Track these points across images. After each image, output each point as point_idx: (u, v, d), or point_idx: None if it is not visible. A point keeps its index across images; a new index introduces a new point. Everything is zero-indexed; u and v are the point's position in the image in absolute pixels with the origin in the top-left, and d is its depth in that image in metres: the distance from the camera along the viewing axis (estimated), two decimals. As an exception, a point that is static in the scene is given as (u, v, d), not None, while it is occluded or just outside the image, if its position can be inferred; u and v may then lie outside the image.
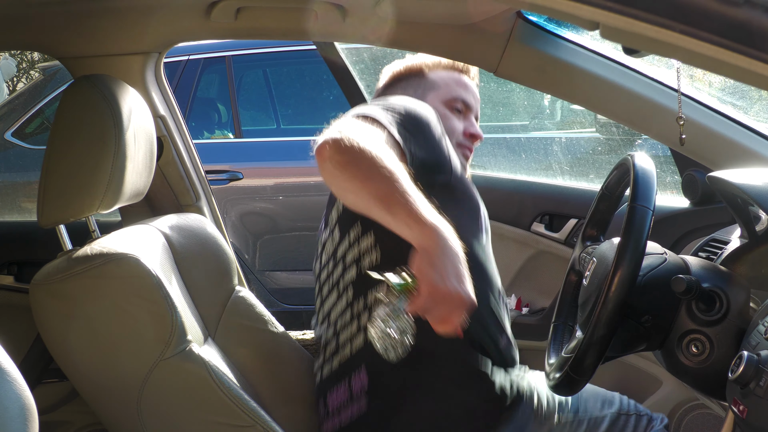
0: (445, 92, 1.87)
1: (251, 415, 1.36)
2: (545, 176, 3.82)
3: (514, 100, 4.25)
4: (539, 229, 2.55)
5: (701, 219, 2.14)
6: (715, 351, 1.43)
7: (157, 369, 1.35)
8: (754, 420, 1.21)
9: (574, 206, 2.49)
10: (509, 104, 4.25)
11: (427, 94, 1.87)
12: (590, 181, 3.16)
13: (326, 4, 1.83)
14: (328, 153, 1.27)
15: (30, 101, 4.31)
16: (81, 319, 1.39)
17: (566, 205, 2.52)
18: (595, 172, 3.62)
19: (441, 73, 1.91)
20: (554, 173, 3.81)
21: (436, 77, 1.90)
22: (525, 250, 2.58)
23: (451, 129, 1.83)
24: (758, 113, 2.20)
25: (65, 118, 1.50)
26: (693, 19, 0.90)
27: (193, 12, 1.89)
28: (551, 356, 1.70)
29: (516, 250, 2.60)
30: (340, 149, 1.27)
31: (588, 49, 1.94)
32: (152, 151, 1.66)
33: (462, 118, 1.87)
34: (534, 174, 3.80)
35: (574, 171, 3.76)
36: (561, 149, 4.05)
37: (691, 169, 2.10)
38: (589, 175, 3.60)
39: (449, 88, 1.88)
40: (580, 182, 3.03)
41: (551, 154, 4.00)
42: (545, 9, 1.09)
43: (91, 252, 1.41)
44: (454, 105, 1.86)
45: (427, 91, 1.87)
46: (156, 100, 2.08)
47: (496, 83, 3.81)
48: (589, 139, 4.15)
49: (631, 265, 1.38)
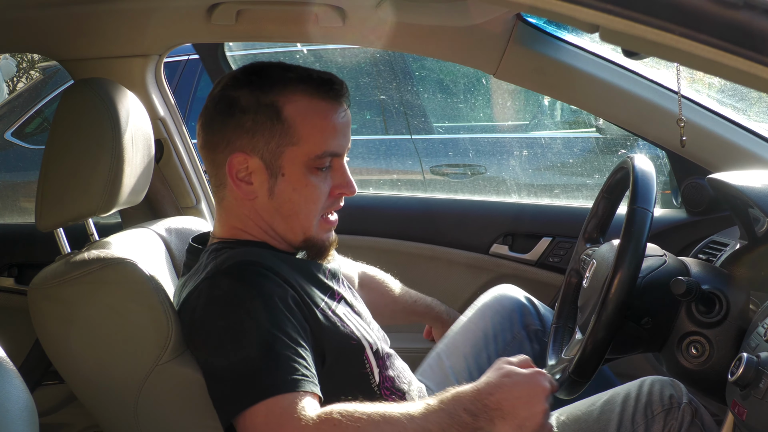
0: (307, 150, 1.41)
1: None
2: (546, 176, 3.83)
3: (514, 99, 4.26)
4: (501, 251, 2.37)
5: (708, 228, 2.13)
6: (714, 353, 1.44)
7: (155, 373, 1.35)
8: (753, 422, 1.21)
9: (546, 224, 2.34)
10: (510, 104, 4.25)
11: (281, 151, 1.41)
12: (590, 184, 3.16)
13: (326, 6, 1.83)
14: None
15: (30, 101, 4.31)
16: (79, 323, 1.39)
17: (535, 224, 2.37)
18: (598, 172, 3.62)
19: (301, 108, 1.41)
20: (555, 173, 3.81)
21: (296, 119, 1.40)
22: (479, 275, 2.37)
23: (314, 198, 1.44)
24: (758, 115, 2.20)
25: (63, 122, 1.50)
26: (692, 22, 0.91)
27: (193, 14, 1.89)
28: (551, 358, 1.70)
29: (468, 276, 2.41)
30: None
31: (588, 52, 1.94)
32: (150, 154, 1.66)
33: (329, 172, 1.46)
34: (535, 174, 3.80)
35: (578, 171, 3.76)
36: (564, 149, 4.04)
37: (693, 177, 2.07)
38: (594, 175, 3.60)
39: (314, 142, 1.41)
40: (544, 199, 3.01)
41: (553, 154, 4.00)
42: (545, 12, 1.09)
43: (88, 256, 1.41)
44: (321, 165, 1.43)
45: (282, 147, 1.41)
46: (156, 102, 2.08)
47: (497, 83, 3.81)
48: (589, 139, 4.15)
49: (631, 267, 1.38)
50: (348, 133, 1.47)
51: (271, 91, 1.41)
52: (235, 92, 1.43)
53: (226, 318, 1.32)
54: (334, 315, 1.44)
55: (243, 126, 1.41)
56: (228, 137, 1.42)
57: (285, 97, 1.41)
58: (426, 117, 3.93)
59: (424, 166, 3.72)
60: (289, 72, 1.44)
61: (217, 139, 1.44)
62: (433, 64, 3.96)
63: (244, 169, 1.43)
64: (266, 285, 1.35)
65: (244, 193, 1.44)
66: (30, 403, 1.01)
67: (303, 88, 1.42)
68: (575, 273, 1.81)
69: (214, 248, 1.47)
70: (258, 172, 1.42)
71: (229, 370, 1.29)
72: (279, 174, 1.42)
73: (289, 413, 1.22)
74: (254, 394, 1.24)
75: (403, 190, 3.79)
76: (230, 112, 1.42)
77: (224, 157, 1.43)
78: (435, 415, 1.25)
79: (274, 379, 1.25)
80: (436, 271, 2.43)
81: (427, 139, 3.89)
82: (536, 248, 2.32)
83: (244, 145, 1.41)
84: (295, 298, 1.38)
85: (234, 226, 1.49)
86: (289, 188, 1.43)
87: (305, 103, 1.42)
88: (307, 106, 1.42)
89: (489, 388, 1.28)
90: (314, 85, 1.42)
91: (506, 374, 1.30)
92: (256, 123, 1.40)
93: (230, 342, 1.30)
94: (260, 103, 1.40)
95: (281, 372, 1.26)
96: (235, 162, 1.42)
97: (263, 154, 1.41)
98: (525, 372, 1.30)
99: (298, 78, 1.43)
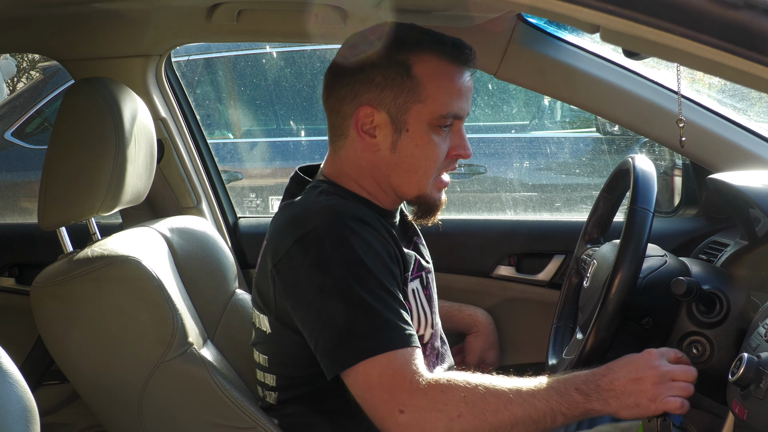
0: (433, 108, 1.44)
1: (252, 416, 1.36)
2: (546, 176, 3.83)
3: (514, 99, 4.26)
4: (507, 273, 2.23)
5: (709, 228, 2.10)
6: (715, 353, 1.44)
7: (158, 371, 1.35)
8: (754, 422, 1.21)
9: (558, 241, 2.20)
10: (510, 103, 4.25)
11: (408, 107, 1.44)
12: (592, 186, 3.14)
13: (326, 6, 1.83)
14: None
15: (30, 101, 4.30)
16: (82, 321, 1.40)
17: (545, 241, 2.23)
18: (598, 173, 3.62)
19: (430, 67, 1.44)
20: (555, 173, 3.81)
21: (424, 78, 1.44)
22: (482, 300, 2.18)
23: (434, 156, 1.47)
24: (758, 115, 2.20)
25: (66, 121, 1.50)
26: (693, 22, 0.91)
27: (194, 15, 1.89)
28: (551, 358, 1.70)
29: (468, 302, 2.16)
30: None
31: (588, 52, 1.94)
32: (152, 153, 1.66)
33: (449, 134, 1.48)
34: (535, 173, 3.80)
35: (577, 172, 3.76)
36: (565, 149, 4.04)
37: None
38: (595, 174, 3.60)
39: (441, 102, 1.44)
40: (557, 215, 2.86)
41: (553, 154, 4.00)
42: (546, 12, 1.09)
43: (92, 254, 1.42)
44: (443, 123, 1.45)
45: (408, 103, 1.44)
46: (157, 102, 2.08)
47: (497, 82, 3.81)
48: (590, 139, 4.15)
49: (631, 267, 1.38)
50: (470, 97, 1.51)
51: (403, 49, 1.45)
52: (368, 47, 1.46)
53: (338, 270, 1.34)
54: (409, 291, 1.47)
55: (373, 80, 1.44)
56: (356, 90, 1.45)
57: (416, 56, 1.44)
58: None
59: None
60: (422, 32, 1.48)
61: (345, 91, 1.47)
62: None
63: (370, 122, 1.45)
64: (375, 240, 1.38)
65: (368, 145, 1.47)
66: (30, 403, 1.01)
67: (434, 48, 1.45)
68: (576, 273, 1.81)
69: (325, 189, 1.48)
70: (383, 126, 1.45)
71: (342, 321, 1.31)
72: (404, 129, 1.45)
73: (402, 373, 1.28)
74: (368, 350, 1.28)
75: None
76: (360, 67, 1.45)
77: (351, 109, 1.46)
78: (544, 391, 1.28)
79: (387, 334, 1.30)
80: None
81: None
82: (548, 268, 2.20)
83: (372, 98, 1.44)
84: (396, 256, 1.42)
85: (347, 173, 1.51)
86: (411, 144, 1.46)
87: (435, 63, 1.45)
88: (436, 67, 1.45)
89: (602, 369, 1.32)
90: (445, 47, 1.46)
91: (620, 358, 1.33)
92: (386, 78, 1.44)
93: (340, 295, 1.32)
94: (391, 60, 1.44)
95: (392, 329, 1.30)
96: (362, 114, 1.45)
97: (390, 109, 1.44)
98: (638, 354, 1.33)
99: (430, 39, 1.47)
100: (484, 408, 1.26)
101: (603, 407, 1.28)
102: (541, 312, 1.93)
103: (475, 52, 1.49)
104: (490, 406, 1.26)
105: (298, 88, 4.71)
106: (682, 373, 1.31)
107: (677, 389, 1.29)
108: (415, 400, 1.27)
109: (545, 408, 1.27)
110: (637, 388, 1.28)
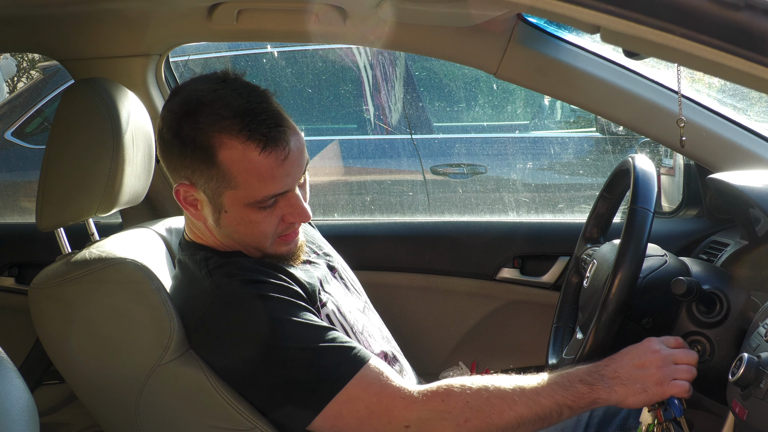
0: (248, 194, 1.35)
1: (249, 419, 1.36)
2: (546, 175, 3.82)
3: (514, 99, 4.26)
4: (511, 275, 2.21)
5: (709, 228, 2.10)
6: (715, 353, 1.44)
7: (156, 373, 1.35)
8: (754, 422, 1.21)
9: (562, 243, 2.17)
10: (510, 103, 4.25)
11: (221, 192, 1.35)
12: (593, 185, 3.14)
13: (326, 6, 1.83)
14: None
15: (30, 101, 4.30)
16: (80, 323, 1.39)
17: (549, 243, 2.22)
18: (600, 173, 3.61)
19: (236, 156, 1.32)
20: (555, 173, 3.81)
21: (231, 166, 1.33)
22: (485, 303, 2.19)
23: (260, 231, 1.39)
24: (758, 115, 2.20)
25: (63, 122, 1.50)
26: (693, 23, 0.91)
27: (194, 14, 1.89)
28: (551, 358, 1.70)
29: (471, 304, 2.24)
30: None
31: (588, 51, 1.94)
32: (151, 154, 1.66)
33: (274, 207, 1.39)
34: (536, 173, 3.79)
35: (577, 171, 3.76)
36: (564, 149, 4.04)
37: None
38: (595, 174, 3.60)
39: (254, 188, 1.34)
40: (560, 216, 2.83)
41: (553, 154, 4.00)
42: (546, 12, 1.09)
43: (89, 256, 1.41)
44: (264, 205, 1.36)
45: (220, 189, 1.35)
46: (156, 102, 2.09)
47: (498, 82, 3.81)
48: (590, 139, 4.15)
49: (631, 267, 1.38)
50: (295, 169, 1.37)
51: (208, 132, 1.33)
52: (180, 123, 1.35)
53: (247, 321, 1.32)
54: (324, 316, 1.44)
55: (185, 159, 1.36)
56: (174, 164, 1.39)
57: (220, 141, 1.32)
58: (427, 116, 3.93)
59: (424, 166, 3.72)
60: (229, 113, 1.33)
61: (167, 162, 1.41)
62: (433, 64, 3.96)
63: (191, 196, 1.40)
64: (270, 286, 1.36)
65: (194, 215, 1.42)
66: (30, 403, 1.01)
67: (239, 136, 1.32)
68: (576, 273, 1.81)
69: (203, 257, 1.44)
70: (203, 203, 1.40)
71: (299, 371, 1.30)
72: (222, 210, 1.38)
73: (388, 393, 1.28)
74: (337, 383, 1.28)
75: (404, 189, 3.79)
76: (174, 141, 1.36)
77: (174, 180, 1.41)
78: (548, 387, 1.28)
79: (343, 360, 1.29)
80: (431, 303, 2.26)
81: (428, 138, 3.89)
82: (553, 270, 2.19)
83: (188, 176, 1.37)
84: (297, 293, 1.39)
85: (199, 236, 1.48)
86: (234, 222, 1.39)
87: (240, 153, 1.32)
88: (242, 156, 1.32)
89: (605, 360, 1.33)
90: (251, 135, 1.32)
91: (621, 350, 1.34)
92: (194, 161, 1.35)
93: (271, 361, 1.30)
94: (196, 143, 1.33)
95: (341, 353, 1.30)
96: (182, 190, 1.39)
97: (205, 190, 1.37)
98: (638, 343, 1.35)
99: (235, 122, 1.32)
100: (489, 411, 1.26)
101: (609, 395, 1.29)
102: (546, 315, 1.90)
103: (290, 127, 1.36)
104: (495, 408, 1.26)
105: (299, 88, 4.71)
106: (684, 356, 1.32)
107: (681, 372, 1.30)
108: (417, 414, 1.27)
109: (550, 404, 1.27)
110: (642, 373, 1.29)
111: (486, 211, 3.55)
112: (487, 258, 2.22)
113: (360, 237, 2.31)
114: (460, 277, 2.22)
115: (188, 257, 1.47)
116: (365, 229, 2.38)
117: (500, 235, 2.26)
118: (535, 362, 2.22)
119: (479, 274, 2.22)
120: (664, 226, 2.21)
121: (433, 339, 2.27)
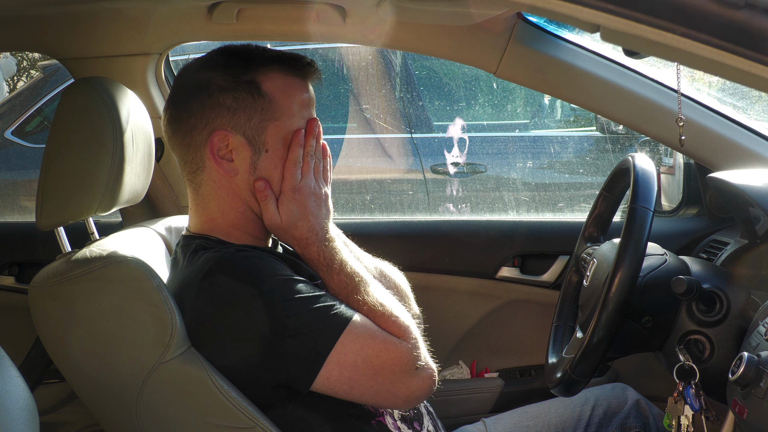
0: (288, 124, 1.43)
1: (251, 417, 1.36)
2: (546, 175, 3.82)
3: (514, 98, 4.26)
4: (511, 274, 2.21)
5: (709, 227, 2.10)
6: (715, 352, 1.44)
7: (157, 371, 1.35)
8: (754, 421, 1.21)
9: (562, 242, 2.17)
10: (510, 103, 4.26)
11: (264, 126, 1.42)
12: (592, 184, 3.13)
13: (326, 5, 1.83)
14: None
15: (30, 100, 4.31)
16: (80, 321, 1.39)
17: (549, 242, 2.22)
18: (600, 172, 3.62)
19: (279, 84, 1.44)
20: (555, 172, 3.81)
21: (276, 94, 1.43)
22: (485, 302, 2.19)
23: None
24: (758, 114, 2.20)
25: (63, 121, 1.50)
26: (693, 22, 0.90)
27: (194, 13, 1.89)
28: (551, 357, 1.70)
29: (471, 303, 2.25)
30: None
31: (588, 50, 1.94)
32: (150, 153, 1.66)
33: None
34: (536, 172, 3.79)
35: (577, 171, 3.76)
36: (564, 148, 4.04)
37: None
38: (595, 173, 3.60)
39: (293, 116, 1.44)
40: (560, 215, 2.82)
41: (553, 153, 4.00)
42: (546, 11, 1.09)
43: (90, 255, 1.41)
44: (296, 140, 1.44)
45: (264, 122, 1.42)
46: (156, 101, 2.09)
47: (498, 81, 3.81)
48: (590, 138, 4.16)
49: (631, 266, 1.38)
50: (314, 109, 1.51)
51: (249, 69, 1.43)
52: (212, 73, 1.43)
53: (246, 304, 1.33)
54: None
55: (223, 104, 1.41)
56: (207, 117, 1.41)
57: (263, 74, 1.43)
58: (426, 115, 3.93)
59: (424, 165, 3.72)
60: (264, 51, 1.47)
61: (195, 120, 1.42)
62: (433, 63, 3.97)
63: (225, 147, 1.42)
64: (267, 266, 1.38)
65: (225, 170, 1.43)
66: (30, 402, 1.01)
67: (279, 65, 1.44)
68: (576, 272, 1.81)
69: (199, 245, 1.45)
70: (240, 149, 1.42)
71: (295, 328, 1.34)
72: (263, 150, 1.42)
73: (385, 350, 1.38)
74: (337, 327, 1.34)
75: (404, 188, 3.79)
76: (208, 92, 1.41)
77: (203, 137, 1.42)
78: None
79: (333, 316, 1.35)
80: (431, 302, 2.20)
81: (428, 138, 3.89)
82: (553, 268, 2.20)
83: (224, 123, 1.41)
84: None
85: (211, 217, 1.48)
86: (270, 165, 1.43)
87: (282, 79, 1.44)
88: (284, 82, 1.44)
89: None
90: (287, 62, 1.45)
91: None
92: (236, 100, 1.41)
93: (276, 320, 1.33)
94: (240, 81, 1.41)
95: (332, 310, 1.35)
96: (216, 140, 1.41)
97: (245, 131, 1.42)
98: None
99: (272, 57, 1.45)
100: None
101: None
102: (546, 314, 1.90)
103: (315, 63, 1.48)
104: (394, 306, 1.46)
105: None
106: None
107: None
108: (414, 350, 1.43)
109: None
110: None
111: (486, 210, 3.56)
112: (487, 257, 2.22)
113: (360, 236, 2.30)
114: (460, 276, 2.23)
115: (182, 247, 1.48)
116: (365, 228, 2.37)
117: (500, 234, 2.26)
118: (534, 361, 2.22)
119: (479, 273, 2.22)
120: (664, 225, 2.21)
121: (432, 338, 2.26)
